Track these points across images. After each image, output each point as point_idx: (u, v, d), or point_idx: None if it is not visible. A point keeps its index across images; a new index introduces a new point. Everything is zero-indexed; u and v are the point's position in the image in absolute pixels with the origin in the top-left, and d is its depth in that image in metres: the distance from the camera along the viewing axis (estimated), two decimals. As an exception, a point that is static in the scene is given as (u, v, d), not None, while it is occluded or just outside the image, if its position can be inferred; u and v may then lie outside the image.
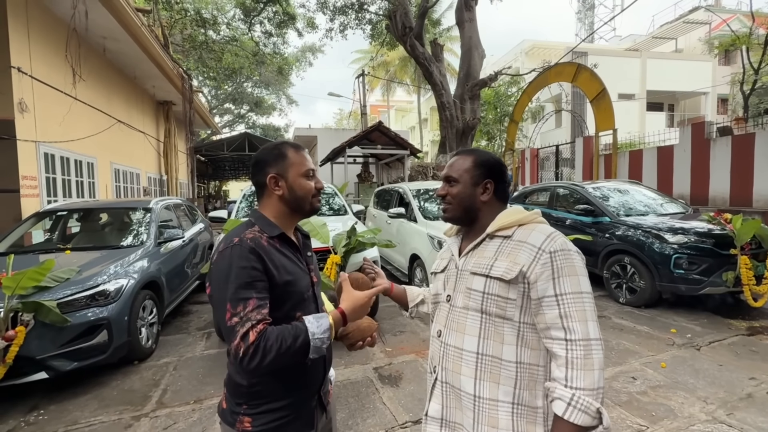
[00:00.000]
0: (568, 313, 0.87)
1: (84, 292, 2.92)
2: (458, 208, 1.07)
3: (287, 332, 0.90)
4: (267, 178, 1.05)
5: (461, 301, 1.02)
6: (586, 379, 0.83)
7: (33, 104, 5.61)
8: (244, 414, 0.99)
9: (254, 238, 0.98)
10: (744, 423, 2.30)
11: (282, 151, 1.07)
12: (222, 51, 15.89)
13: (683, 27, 20.72)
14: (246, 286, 0.92)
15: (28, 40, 5.59)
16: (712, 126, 7.46)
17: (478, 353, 0.96)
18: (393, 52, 21.46)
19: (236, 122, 28.00)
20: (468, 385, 0.96)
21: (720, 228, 4.16)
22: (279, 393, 1.00)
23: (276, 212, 1.07)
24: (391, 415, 2.50)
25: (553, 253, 0.90)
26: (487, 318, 0.96)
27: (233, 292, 0.91)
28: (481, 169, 1.05)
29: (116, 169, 8.75)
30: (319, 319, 0.95)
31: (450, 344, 1.02)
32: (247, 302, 0.90)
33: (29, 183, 5.53)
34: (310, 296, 1.08)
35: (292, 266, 1.03)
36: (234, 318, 0.89)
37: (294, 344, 0.89)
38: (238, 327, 0.88)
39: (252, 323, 0.89)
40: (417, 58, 11.10)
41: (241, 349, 0.87)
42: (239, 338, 0.87)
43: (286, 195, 1.05)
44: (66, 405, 2.73)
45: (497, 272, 0.94)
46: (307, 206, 1.09)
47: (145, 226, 4.14)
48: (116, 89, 8.81)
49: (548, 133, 16.36)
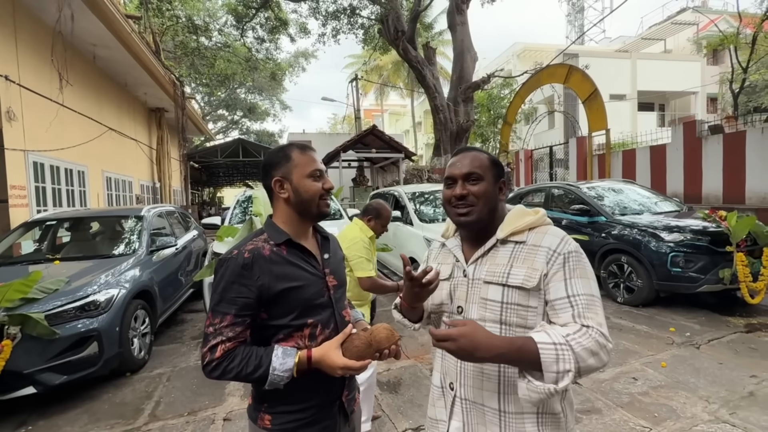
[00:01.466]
0: (582, 314, 0.85)
1: (73, 303, 2.85)
2: (485, 209, 0.96)
3: (252, 359, 0.93)
4: (272, 182, 1.04)
5: (476, 312, 0.95)
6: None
7: (21, 113, 5.53)
8: (265, 412, 1.02)
9: (254, 249, 0.98)
10: (747, 422, 2.28)
11: (286, 153, 1.05)
12: (214, 57, 15.85)
13: (671, 28, 21.03)
14: (228, 301, 0.95)
15: (15, 48, 5.52)
16: (704, 124, 7.53)
17: (500, 368, 0.91)
18: (386, 56, 21.56)
19: (230, 128, 27.91)
20: (492, 400, 0.92)
21: (715, 225, 4.16)
22: (297, 396, 1.01)
23: (285, 217, 1.06)
24: (390, 423, 2.45)
25: (567, 254, 0.89)
26: (507, 329, 0.91)
27: (216, 303, 0.95)
28: (497, 168, 1.00)
29: (108, 178, 8.64)
30: (285, 356, 0.94)
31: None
32: (225, 317, 0.94)
33: (18, 193, 5.44)
34: (325, 301, 1.05)
35: (299, 273, 1.01)
36: (210, 327, 0.94)
37: (253, 373, 0.92)
38: (210, 337, 0.93)
39: (222, 338, 0.93)
40: (410, 62, 11.13)
41: (206, 359, 0.93)
42: (207, 348, 0.93)
43: (292, 198, 1.03)
44: (56, 420, 2.65)
45: (516, 280, 0.90)
46: (314, 209, 1.05)
47: (137, 234, 4.07)
48: (107, 97, 8.73)
49: (542, 135, 16.45)
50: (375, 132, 10.79)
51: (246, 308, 0.95)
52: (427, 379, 2.96)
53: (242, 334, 0.95)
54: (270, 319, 0.99)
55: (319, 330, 1.02)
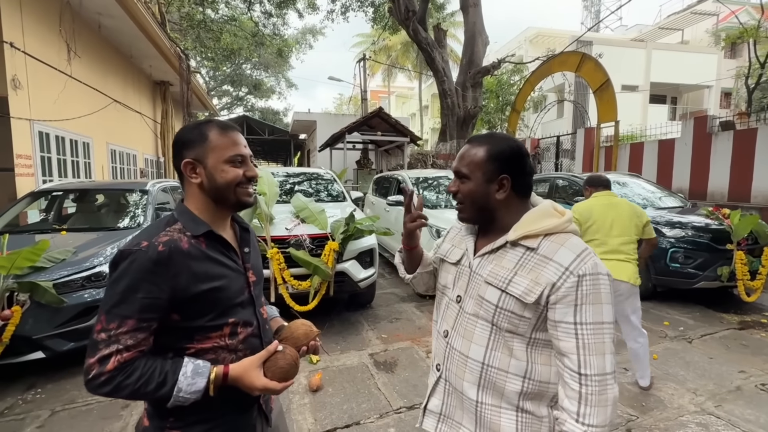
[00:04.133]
0: (586, 345, 0.81)
1: (80, 273, 2.91)
2: (471, 209, 0.95)
3: (155, 376, 0.79)
4: (182, 163, 0.90)
5: (471, 307, 0.95)
6: (599, 416, 0.80)
7: (26, 81, 5.49)
8: (171, 428, 0.87)
9: (170, 241, 0.83)
10: (732, 415, 2.34)
11: (203, 132, 0.90)
12: (220, 31, 15.53)
13: (690, 18, 20.41)
14: (132, 302, 0.78)
15: (20, 14, 5.43)
16: (715, 120, 7.41)
17: (483, 363, 0.91)
18: (395, 37, 21.09)
19: (234, 105, 27.62)
20: (470, 391, 0.93)
21: (718, 223, 4.16)
22: (212, 405, 0.86)
23: (199, 204, 0.92)
24: (386, 400, 2.53)
25: (582, 276, 0.81)
26: (497, 330, 0.90)
27: (114, 304, 0.79)
28: (496, 163, 0.91)
29: (112, 150, 8.64)
30: (195, 377, 0.81)
31: (456, 348, 0.97)
32: (125, 321, 0.78)
33: (24, 162, 5.46)
34: (246, 299, 0.95)
35: (220, 270, 0.89)
36: (102, 333, 0.77)
37: (154, 392, 0.79)
38: (101, 345, 0.77)
39: (119, 347, 0.77)
40: (419, 44, 10.90)
41: (93, 371, 0.76)
42: (96, 359, 0.76)
43: (205, 184, 0.90)
44: (63, 384, 2.75)
45: (516, 290, 0.86)
46: (231, 197, 0.91)
47: (142, 208, 4.11)
48: (112, 68, 8.63)
49: (550, 123, 16.24)
50: (381, 114, 10.67)
51: (153, 310, 0.80)
52: (423, 360, 3.04)
53: (144, 342, 0.80)
54: (183, 320, 0.85)
55: (240, 328, 0.92)
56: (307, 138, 20.11)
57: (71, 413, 2.43)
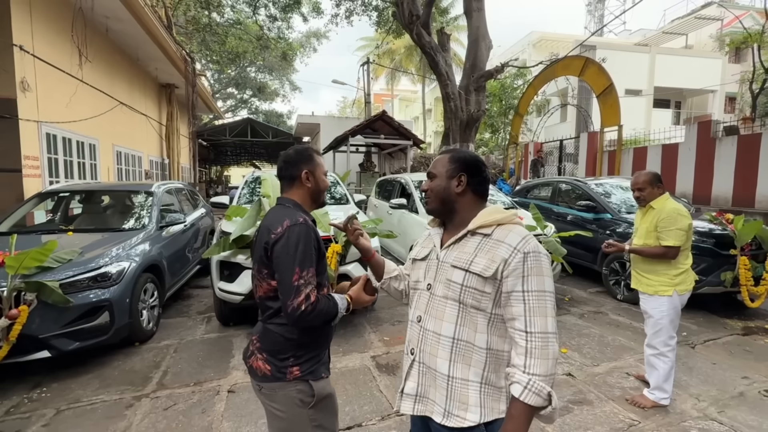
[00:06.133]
0: (532, 308, 0.98)
1: (86, 273, 2.94)
2: (435, 200, 1.16)
3: (331, 304, 1.22)
4: (302, 173, 1.32)
5: (441, 291, 1.10)
6: (542, 366, 0.94)
7: (35, 83, 5.57)
8: (292, 365, 1.23)
9: (306, 219, 1.24)
10: (735, 421, 2.34)
11: (311, 154, 1.36)
12: (226, 34, 15.68)
13: (694, 23, 20.37)
14: (309, 257, 1.18)
15: (30, 18, 5.52)
16: (719, 125, 7.39)
17: (454, 338, 1.06)
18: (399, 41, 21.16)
19: (239, 107, 27.80)
20: (443, 366, 1.06)
21: (721, 228, 4.15)
22: (316, 343, 1.28)
23: (303, 201, 1.34)
24: (388, 402, 2.54)
25: (527, 254, 1.00)
26: (463, 308, 1.06)
27: (301, 259, 1.16)
28: (456, 164, 1.14)
29: (118, 152, 8.73)
30: (342, 300, 1.26)
31: (429, 329, 1.11)
32: (310, 269, 1.18)
33: (31, 163, 5.53)
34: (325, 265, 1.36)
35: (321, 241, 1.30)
36: (300, 280, 1.15)
37: (330, 312, 1.21)
38: (302, 288, 1.14)
39: (313, 286, 1.17)
40: (423, 47, 10.93)
41: (302, 306, 1.13)
42: (303, 296, 1.14)
43: (313, 188, 1.35)
44: (68, 383, 2.78)
45: (476, 268, 1.03)
46: (322, 198, 1.39)
47: (147, 209, 4.15)
48: (119, 70, 8.73)
49: (553, 127, 16.23)
50: (384, 117, 10.72)
51: (315, 260, 1.21)
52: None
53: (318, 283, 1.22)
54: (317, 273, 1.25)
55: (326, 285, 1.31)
56: (310, 141, 20.19)
57: (76, 412, 2.45)
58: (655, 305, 2.48)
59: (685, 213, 2.40)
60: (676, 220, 2.36)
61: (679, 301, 2.46)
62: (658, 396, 2.47)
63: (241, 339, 3.55)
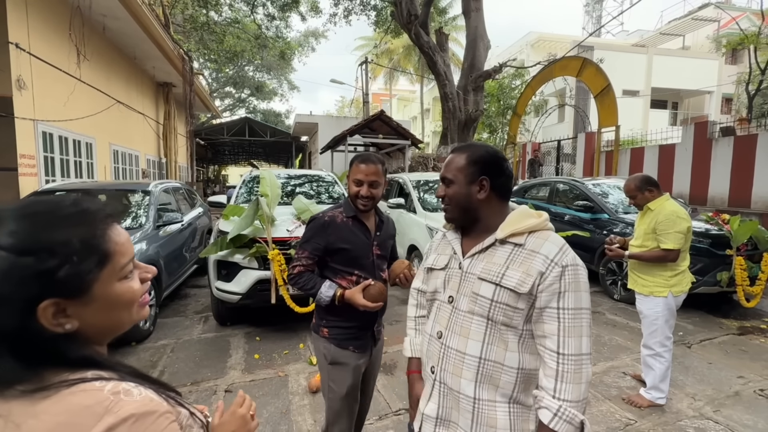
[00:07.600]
0: (566, 328, 0.90)
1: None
2: (456, 210, 1.05)
3: (311, 281, 1.53)
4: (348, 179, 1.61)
5: (466, 305, 1.00)
6: (574, 392, 0.87)
7: (31, 82, 5.53)
8: (324, 326, 1.58)
9: (333, 216, 1.55)
10: (730, 420, 2.35)
11: (353, 162, 1.60)
12: (223, 33, 15.61)
13: (692, 24, 20.46)
14: (308, 244, 1.56)
15: (26, 16, 5.48)
16: (716, 126, 7.43)
17: (480, 358, 0.96)
18: (397, 40, 21.15)
19: (237, 106, 27.72)
20: (468, 388, 0.97)
21: (717, 228, 4.17)
22: (346, 316, 1.54)
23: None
24: (385, 402, 2.54)
25: (565, 267, 0.91)
26: (492, 324, 0.96)
27: (302, 243, 1.58)
28: (476, 166, 1.01)
29: (115, 151, 8.68)
30: (328, 289, 1.50)
31: (452, 347, 1.00)
32: (304, 252, 1.56)
33: (27, 162, 5.49)
34: (369, 262, 1.58)
35: (353, 238, 1.55)
36: (296, 256, 1.58)
37: (309, 290, 1.53)
38: (294, 261, 1.58)
39: (299, 264, 1.55)
40: (421, 47, 10.94)
41: (289, 272, 1.58)
42: (291, 266, 1.57)
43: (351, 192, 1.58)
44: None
45: (510, 282, 0.93)
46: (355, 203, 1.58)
47: (144, 208, 4.13)
48: (116, 69, 8.69)
49: (551, 128, 16.27)
50: (382, 117, 10.71)
51: (316, 251, 1.54)
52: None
53: (311, 266, 1.55)
54: (331, 262, 1.57)
55: (362, 280, 1.53)
56: (308, 140, 20.16)
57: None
58: (650, 306, 2.49)
59: (684, 215, 2.41)
60: (675, 222, 2.37)
61: (674, 302, 2.47)
62: (655, 395, 2.49)
63: (238, 339, 3.53)
